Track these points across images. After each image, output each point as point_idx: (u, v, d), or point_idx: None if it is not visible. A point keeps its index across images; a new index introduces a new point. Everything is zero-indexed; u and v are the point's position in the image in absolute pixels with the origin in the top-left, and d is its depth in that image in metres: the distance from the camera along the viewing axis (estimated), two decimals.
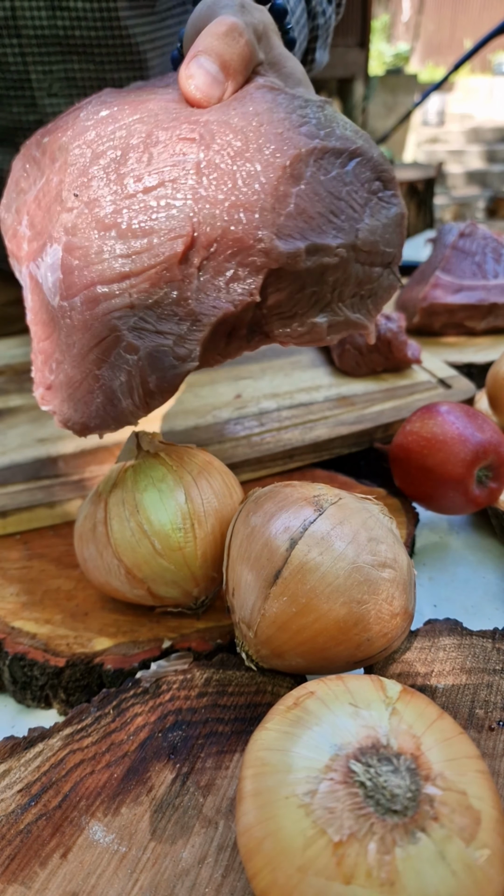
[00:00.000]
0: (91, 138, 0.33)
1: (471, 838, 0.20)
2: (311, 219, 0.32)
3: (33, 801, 0.27)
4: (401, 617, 0.29)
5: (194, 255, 0.30)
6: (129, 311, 0.30)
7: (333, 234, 0.32)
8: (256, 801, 0.22)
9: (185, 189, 0.31)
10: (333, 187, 0.33)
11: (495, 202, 4.32)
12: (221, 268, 0.31)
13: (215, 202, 0.30)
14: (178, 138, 0.32)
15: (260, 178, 0.31)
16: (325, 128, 0.33)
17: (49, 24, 0.60)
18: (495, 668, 0.32)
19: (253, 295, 0.31)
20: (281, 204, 0.31)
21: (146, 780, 0.28)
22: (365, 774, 0.21)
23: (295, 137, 0.32)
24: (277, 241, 0.31)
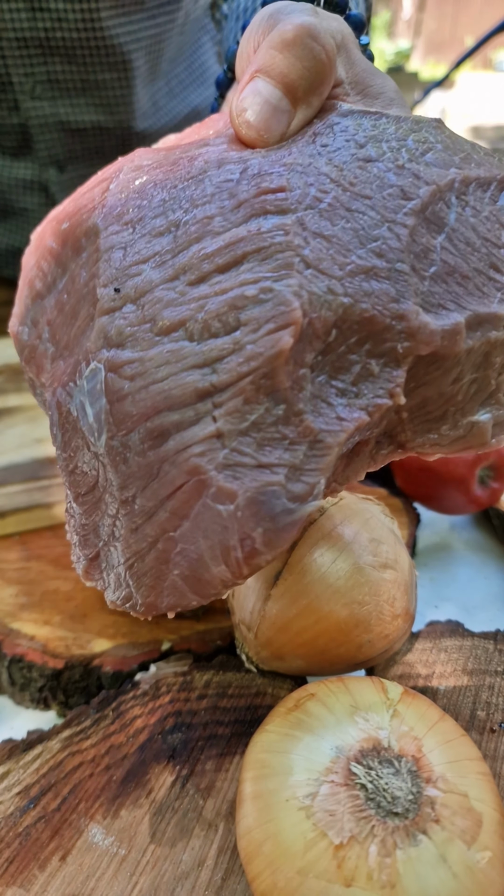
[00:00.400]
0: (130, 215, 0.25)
1: (472, 840, 0.20)
2: (466, 279, 0.23)
3: (32, 803, 0.27)
4: (402, 618, 0.29)
5: (306, 349, 0.21)
6: (215, 443, 0.21)
7: (499, 297, 0.24)
8: (257, 803, 0.22)
9: (282, 258, 0.22)
10: (489, 231, 0.24)
11: None
12: (344, 362, 0.22)
13: (330, 270, 0.22)
14: (258, 192, 0.23)
15: (385, 231, 0.23)
16: (457, 152, 0.25)
17: (29, 25, 0.58)
18: (497, 670, 0.32)
19: (394, 395, 0.22)
20: (422, 262, 0.23)
21: (146, 783, 0.28)
22: (366, 777, 0.21)
23: (422, 169, 0.24)
24: (425, 316, 0.22)
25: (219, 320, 0.21)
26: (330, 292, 0.21)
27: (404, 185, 0.24)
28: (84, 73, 0.63)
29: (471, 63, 6.83)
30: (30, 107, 0.64)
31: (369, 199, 0.23)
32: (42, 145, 0.67)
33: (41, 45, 0.60)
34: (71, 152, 0.69)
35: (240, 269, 0.22)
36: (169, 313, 0.22)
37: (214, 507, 0.21)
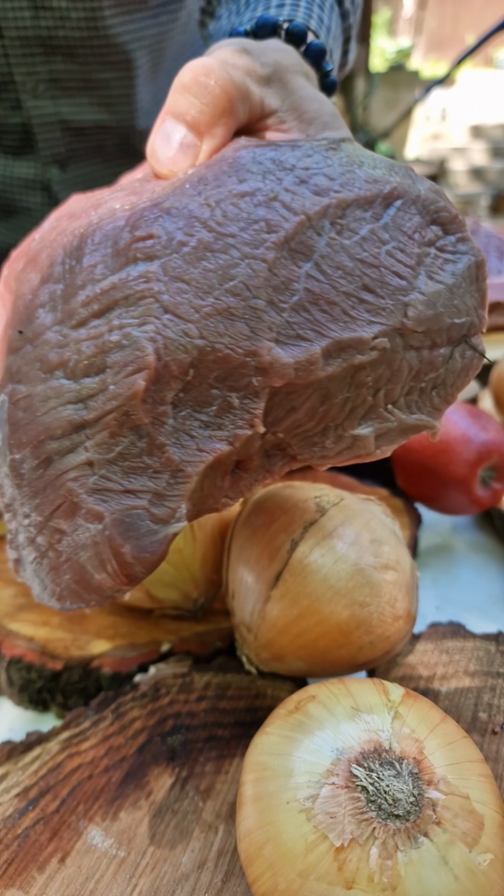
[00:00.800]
0: (41, 262, 0.27)
1: (473, 843, 0.20)
2: (332, 304, 0.24)
3: (31, 805, 0.27)
4: (403, 619, 0.29)
5: (164, 389, 0.23)
6: (86, 469, 0.23)
7: (368, 318, 0.24)
8: (257, 805, 0.22)
9: (144, 303, 0.23)
10: (365, 252, 0.25)
11: (498, 199, 4.31)
12: (206, 397, 0.24)
13: (187, 314, 0.23)
14: (132, 240, 0.25)
15: (243, 269, 0.24)
16: (341, 175, 0.25)
17: (32, 24, 0.58)
18: (499, 672, 0.32)
19: (254, 426, 0.24)
20: (282, 295, 0.24)
21: (145, 785, 0.28)
22: (367, 779, 0.21)
23: (295, 200, 0.25)
24: (279, 350, 0.23)
25: (90, 362, 0.24)
26: (185, 335, 0.23)
27: (271, 218, 0.24)
28: (86, 71, 0.63)
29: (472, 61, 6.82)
30: (32, 105, 0.63)
31: (234, 236, 0.24)
32: (44, 144, 0.67)
33: (44, 43, 0.60)
34: (73, 151, 0.69)
35: (111, 316, 0.24)
36: (53, 354, 0.25)
37: (86, 526, 0.23)
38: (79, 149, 0.69)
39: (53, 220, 0.30)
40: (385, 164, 0.27)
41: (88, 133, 0.68)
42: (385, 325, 0.24)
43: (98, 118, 0.67)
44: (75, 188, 0.70)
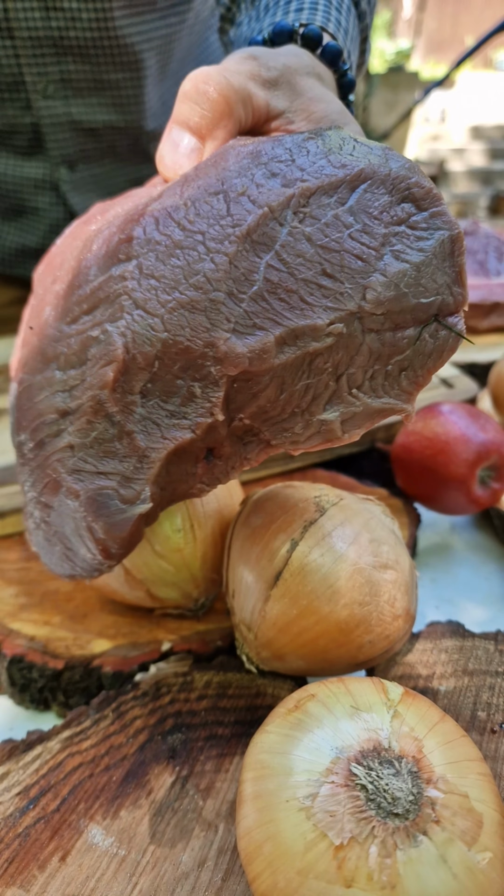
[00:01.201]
0: (55, 265, 0.29)
1: (472, 841, 0.20)
2: (290, 293, 0.24)
3: (32, 804, 0.27)
4: (403, 619, 0.29)
5: (132, 380, 0.25)
6: (68, 452, 0.26)
7: (324, 304, 0.24)
8: (257, 804, 0.22)
9: (118, 303, 0.25)
10: (327, 238, 0.25)
11: (498, 200, 4.31)
12: (171, 387, 0.25)
13: (154, 309, 0.25)
14: (118, 242, 0.26)
15: (207, 263, 0.25)
16: (312, 164, 0.26)
17: (43, 24, 0.59)
18: (497, 671, 0.32)
19: (214, 413, 0.25)
20: (241, 286, 0.24)
21: (145, 784, 0.28)
22: (366, 777, 0.21)
23: (261, 194, 0.25)
24: (234, 340, 0.24)
25: (75, 356, 0.26)
26: (151, 329, 0.25)
27: (236, 213, 0.25)
28: (97, 72, 0.63)
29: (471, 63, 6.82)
30: (42, 106, 0.64)
31: (202, 233, 0.25)
32: (54, 144, 0.67)
33: (54, 44, 0.60)
34: (82, 151, 0.69)
35: (95, 313, 0.26)
36: (50, 348, 0.27)
37: (66, 502, 0.26)
38: (89, 149, 0.69)
39: (74, 226, 0.32)
40: (363, 148, 0.26)
41: (98, 133, 0.68)
42: (341, 309, 0.24)
43: (108, 119, 0.67)
44: (84, 188, 0.71)
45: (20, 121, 0.65)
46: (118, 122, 0.68)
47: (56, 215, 0.73)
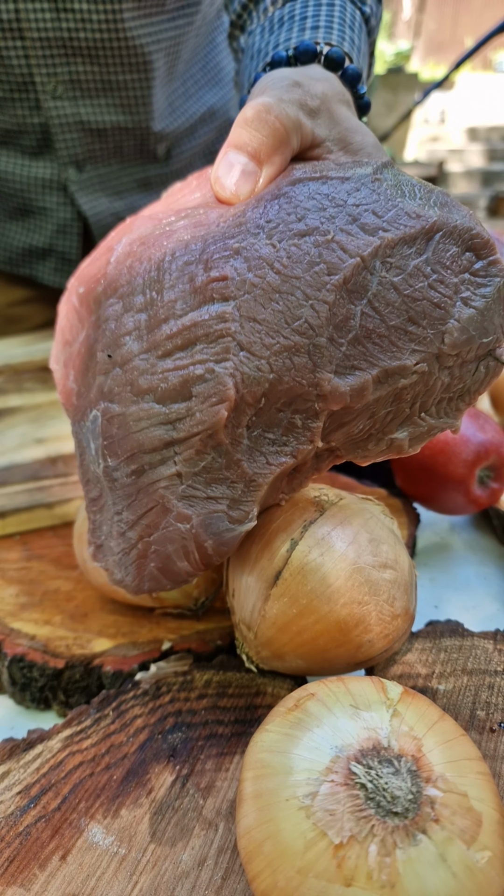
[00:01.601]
0: (122, 289, 0.30)
1: (472, 840, 0.20)
2: (382, 338, 0.28)
3: (32, 803, 0.27)
4: (402, 618, 0.29)
5: (241, 416, 0.27)
6: (176, 480, 0.28)
7: (412, 348, 0.28)
8: (257, 803, 0.22)
9: (222, 341, 0.27)
10: (411, 287, 0.28)
11: (496, 201, 4.32)
12: (274, 420, 0.28)
13: (259, 352, 0.27)
14: (208, 280, 0.28)
15: (308, 310, 0.27)
16: (387, 210, 0.28)
17: (53, 25, 0.59)
18: (497, 670, 0.32)
19: (314, 441, 0.28)
20: (341, 332, 0.27)
21: (146, 782, 0.28)
22: (366, 776, 0.21)
23: (350, 241, 0.27)
24: (337, 381, 0.27)
25: (177, 391, 0.27)
26: (258, 370, 0.27)
27: (330, 259, 0.27)
28: (106, 73, 0.64)
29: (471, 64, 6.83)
30: (51, 106, 0.64)
31: (298, 279, 0.27)
32: (62, 145, 0.67)
33: (64, 45, 0.61)
34: (90, 152, 0.69)
35: (193, 350, 0.27)
36: (143, 380, 0.28)
37: (176, 525, 0.28)
38: (96, 150, 0.69)
39: (126, 244, 0.32)
40: (423, 192, 0.29)
41: (106, 134, 0.68)
42: (425, 352, 0.28)
43: (116, 119, 0.67)
44: (92, 189, 0.71)
45: (29, 121, 0.65)
46: (126, 122, 0.68)
47: (63, 215, 0.73)
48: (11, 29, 0.58)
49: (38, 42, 0.60)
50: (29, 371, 0.65)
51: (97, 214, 0.73)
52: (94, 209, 0.73)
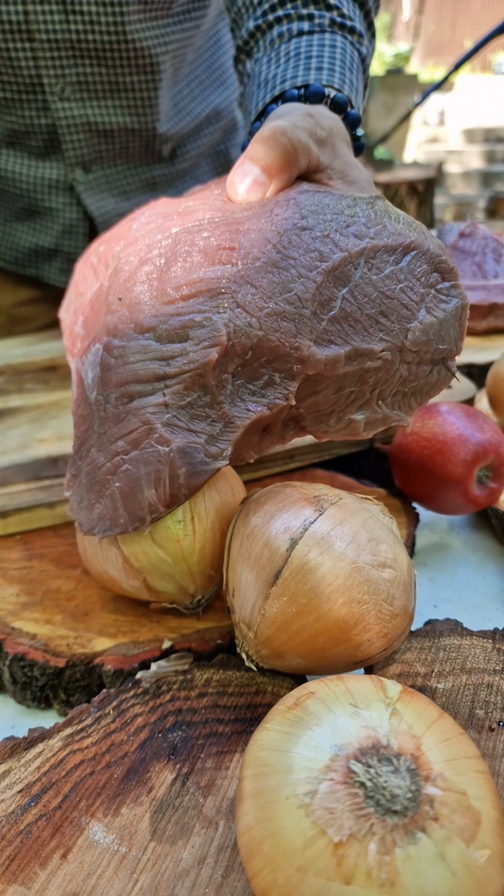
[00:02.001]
0: (139, 247, 0.35)
1: (471, 839, 0.20)
2: (357, 322, 0.32)
3: (33, 801, 0.27)
4: (401, 617, 0.29)
5: (229, 362, 0.31)
6: (162, 408, 0.31)
7: (380, 336, 0.32)
8: (256, 801, 0.22)
9: (222, 297, 0.31)
10: (386, 286, 0.33)
11: (495, 202, 4.32)
12: (257, 373, 0.31)
13: (253, 311, 0.31)
14: (218, 248, 0.33)
15: (300, 285, 0.31)
16: (375, 225, 0.34)
17: (62, 27, 0.60)
18: (495, 669, 0.32)
19: (288, 399, 0.32)
20: (324, 308, 0.32)
21: (146, 781, 0.28)
22: (365, 775, 0.21)
23: (342, 240, 0.33)
24: (315, 349, 0.31)
25: (176, 333, 0.31)
26: (249, 326, 0.31)
27: (323, 250, 0.32)
28: (113, 75, 0.65)
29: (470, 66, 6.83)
30: (59, 108, 0.65)
31: (294, 259, 0.32)
32: (69, 146, 0.68)
33: (73, 47, 0.61)
34: (97, 153, 0.70)
35: (196, 301, 0.32)
36: (146, 321, 0.32)
37: (155, 447, 0.31)
38: (103, 151, 0.70)
39: (149, 214, 0.39)
40: (406, 220, 0.36)
41: (113, 136, 0.69)
42: (391, 342, 0.33)
43: (123, 121, 0.68)
44: (98, 189, 0.73)
45: (36, 122, 0.66)
46: (132, 124, 0.69)
47: (70, 216, 0.74)
48: (20, 31, 0.59)
49: (47, 44, 0.61)
50: (30, 371, 0.65)
51: (104, 215, 0.74)
52: (101, 209, 0.73)
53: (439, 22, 8.50)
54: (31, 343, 0.72)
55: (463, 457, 0.41)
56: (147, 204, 0.41)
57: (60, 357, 0.68)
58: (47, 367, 0.66)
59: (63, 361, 0.67)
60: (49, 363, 0.67)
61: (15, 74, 0.62)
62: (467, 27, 8.32)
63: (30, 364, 0.67)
